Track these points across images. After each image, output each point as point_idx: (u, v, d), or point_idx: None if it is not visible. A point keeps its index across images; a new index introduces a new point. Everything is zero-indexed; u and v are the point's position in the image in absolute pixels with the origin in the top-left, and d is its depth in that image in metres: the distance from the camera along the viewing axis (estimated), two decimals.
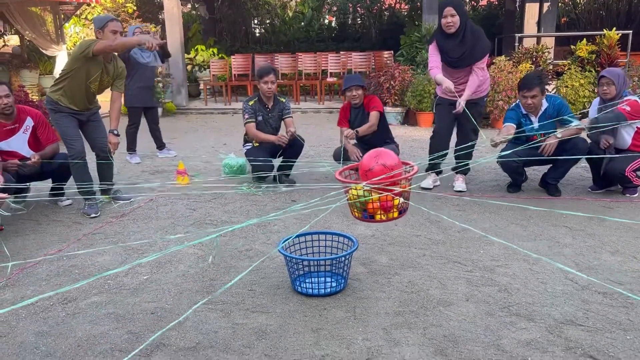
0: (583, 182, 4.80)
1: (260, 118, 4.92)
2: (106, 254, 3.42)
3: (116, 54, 4.30)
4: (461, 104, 4.26)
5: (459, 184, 4.75)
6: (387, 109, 8.61)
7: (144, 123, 6.44)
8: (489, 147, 6.32)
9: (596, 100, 4.44)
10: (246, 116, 4.90)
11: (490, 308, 2.64)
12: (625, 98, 4.16)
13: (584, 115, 4.47)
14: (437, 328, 2.47)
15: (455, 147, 4.71)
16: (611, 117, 4.03)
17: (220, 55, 12.26)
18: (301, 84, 11.53)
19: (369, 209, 2.56)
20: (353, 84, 4.86)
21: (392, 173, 2.46)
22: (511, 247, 3.28)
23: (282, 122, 5.09)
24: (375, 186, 2.44)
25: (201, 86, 12.13)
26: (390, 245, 3.51)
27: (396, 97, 8.48)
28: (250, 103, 4.92)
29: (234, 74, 11.46)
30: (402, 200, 2.53)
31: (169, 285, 2.98)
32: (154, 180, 5.34)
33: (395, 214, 2.57)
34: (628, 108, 4.07)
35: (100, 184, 4.42)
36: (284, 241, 2.94)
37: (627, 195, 4.36)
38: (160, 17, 13.24)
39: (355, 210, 2.63)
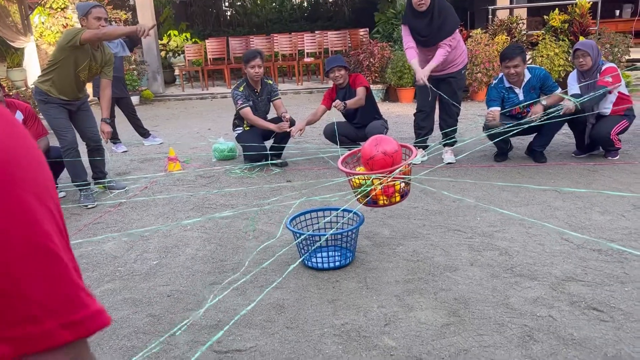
0: (567, 148, 4.97)
1: (251, 102, 4.94)
2: (110, 242, 3.44)
3: None
4: (423, 78, 4.35)
5: (448, 156, 4.87)
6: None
7: (121, 114, 6.36)
8: (474, 120, 6.46)
9: (573, 73, 4.58)
10: (240, 102, 4.89)
11: (495, 270, 2.77)
12: (604, 67, 4.31)
13: (563, 84, 4.61)
14: (447, 292, 2.58)
15: (439, 121, 4.83)
16: (598, 94, 4.16)
17: (194, 40, 12.10)
18: (278, 66, 11.48)
19: (372, 195, 2.67)
20: (335, 65, 4.88)
21: (398, 167, 2.56)
22: (506, 213, 3.41)
23: (271, 104, 5.11)
24: (380, 175, 2.54)
25: (176, 72, 11.98)
26: (390, 218, 3.61)
27: (376, 74, 8.54)
28: (240, 89, 4.91)
29: (210, 58, 11.34)
30: (402, 184, 2.64)
31: (180, 268, 3.02)
32: (145, 169, 5.32)
33: (398, 198, 2.68)
34: (610, 79, 4.21)
35: (94, 175, 4.40)
36: (293, 218, 3.01)
37: (609, 158, 4.54)
38: (130, 2, 12.94)
39: (360, 196, 2.73)
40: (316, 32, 11.58)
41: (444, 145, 4.91)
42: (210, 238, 3.42)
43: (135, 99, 9.89)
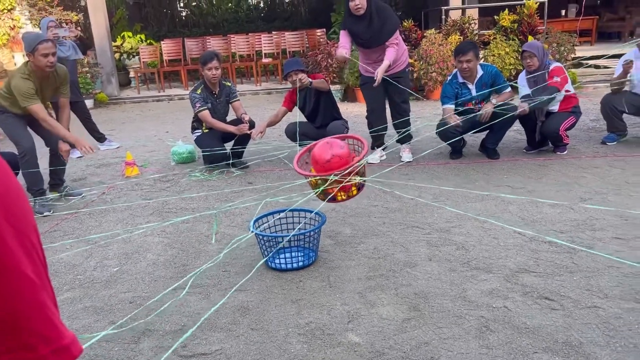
0: (518, 144, 5.16)
1: (209, 105, 4.91)
2: (68, 250, 3.36)
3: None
4: (378, 76, 4.43)
5: (406, 154, 4.98)
6: None
7: (76, 118, 6.20)
8: (429, 119, 6.61)
9: (523, 73, 4.76)
10: (198, 105, 4.84)
11: (452, 265, 2.87)
12: (551, 67, 4.50)
13: (513, 83, 4.79)
14: (408, 287, 2.66)
15: (392, 120, 4.94)
16: (547, 94, 4.35)
17: (149, 41, 11.89)
18: (236, 67, 11.42)
19: (329, 192, 2.74)
20: (292, 69, 4.88)
21: (351, 165, 2.63)
22: (462, 208, 3.53)
23: (230, 106, 5.10)
24: (336, 179, 2.61)
25: (131, 74, 11.75)
26: (351, 217, 3.67)
27: (335, 75, 8.62)
28: (198, 92, 4.88)
29: (165, 60, 11.17)
30: (359, 178, 2.71)
31: (142, 274, 2.99)
32: (101, 174, 5.21)
33: (355, 192, 2.75)
34: (558, 79, 4.41)
35: (51, 181, 4.30)
36: (256, 220, 3.03)
37: (558, 153, 4.75)
38: (82, 3, 12.60)
39: (318, 193, 2.79)
40: (273, 32, 11.58)
41: (401, 143, 5.01)
42: (172, 243, 3.40)
43: (89, 103, 9.65)
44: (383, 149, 5.09)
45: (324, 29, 11.32)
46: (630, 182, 3.91)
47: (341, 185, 2.66)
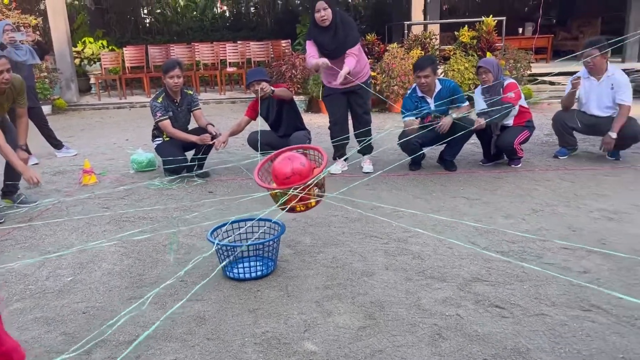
0: (475, 157, 5.31)
1: (170, 113, 4.87)
2: (20, 259, 3.27)
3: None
4: (342, 75, 4.41)
5: (367, 166, 5.06)
6: None
7: (32, 125, 6.04)
8: (391, 131, 6.72)
9: (479, 88, 4.92)
10: (159, 114, 4.80)
11: (408, 274, 2.92)
12: (506, 83, 4.67)
13: (471, 98, 4.95)
14: (364, 296, 2.69)
15: (354, 131, 5.01)
16: (502, 109, 4.51)
17: (110, 48, 11.70)
18: (200, 75, 11.36)
19: (291, 204, 2.79)
20: (254, 79, 4.85)
21: (311, 180, 2.68)
22: (420, 215, 3.61)
23: (191, 114, 5.07)
24: (296, 192, 2.65)
25: (92, 80, 11.52)
26: (311, 226, 3.70)
27: (299, 86, 8.68)
28: (159, 100, 4.83)
29: (128, 67, 11.01)
30: (317, 190, 2.76)
31: (96, 284, 2.94)
32: (57, 182, 5.09)
33: (313, 203, 2.80)
34: (513, 95, 4.58)
35: (5, 188, 4.18)
36: (214, 230, 3.02)
37: (513, 165, 4.91)
38: (41, 7, 12.31)
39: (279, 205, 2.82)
40: (239, 42, 11.59)
41: (363, 154, 5.09)
42: (128, 252, 3.35)
43: (47, 109, 9.42)
44: (345, 160, 5.15)
45: (289, 40, 11.40)
46: (578, 195, 4.08)
47: (301, 196, 2.69)
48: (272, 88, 4.70)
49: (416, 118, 4.74)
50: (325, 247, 3.34)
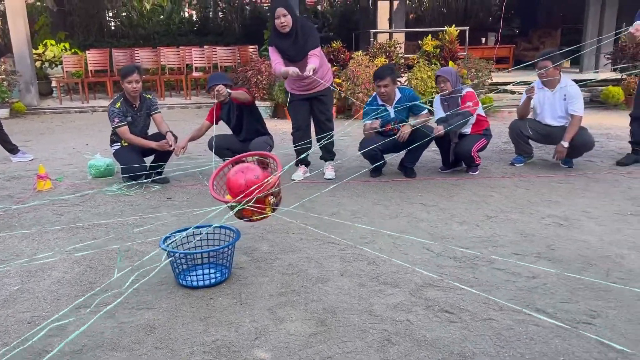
0: (434, 164, 5.39)
1: (129, 119, 4.80)
2: None
3: None
4: (310, 72, 4.43)
5: (329, 172, 5.08)
6: (256, 102, 8.77)
7: None
8: (355, 137, 6.77)
9: (438, 97, 5.02)
10: (116, 120, 4.73)
11: (362, 280, 2.95)
12: (464, 92, 4.77)
13: (429, 108, 5.03)
14: (317, 303, 2.70)
15: (317, 137, 5.02)
16: (461, 118, 4.61)
17: (73, 50, 11.47)
18: (165, 79, 11.24)
19: (245, 214, 2.79)
20: (214, 83, 4.80)
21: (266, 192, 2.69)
22: (375, 224, 3.64)
23: (151, 118, 5.01)
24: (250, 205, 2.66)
25: (54, 84, 11.26)
26: (269, 233, 3.69)
27: (264, 92, 8.67)
28: (117, 105, 4.75)
29: (91, 70, 10.81)
30: (272, 199, 2.77)
31: (44, 292, 2.86)
32: (11, 187, 4.94)
33: (269, 212, 2.80)
34: (471, 104, 4.68)
35: None
36: (166, 237, 2.98)
37: (470, 173, 5.01)
38: (1, 7, 11.98)
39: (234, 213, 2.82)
40: (205, 47, 11.52)
41: (325, 160, 5.11)
42: (80, 260, 3.27)
43: (4, 112, 9.19)
44: (307, 166, 5.17)
45: (257, 46, 11.39)
46: (532, 201, 4.19)
47: (256, 207, 2.70)
48: (229, 91, 4.65)
49: (376, 119, 4.77)
50: (282, 253, 3.33)
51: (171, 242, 2.98)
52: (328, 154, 5.11)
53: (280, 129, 7.85)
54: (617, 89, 8.66)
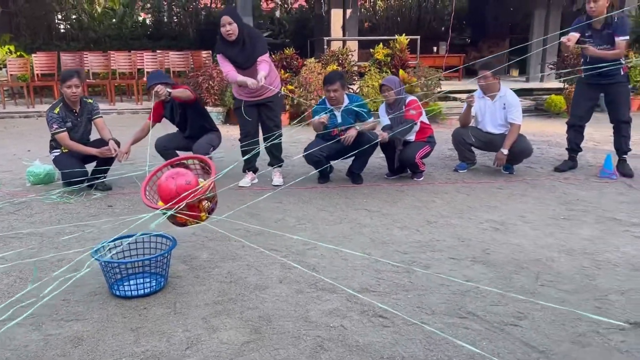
0: (381, 170, 5.47)
1: (69, 124, 4.66)
2: None
3: None
4: (261, 78, 4.44)
5: (277, 178, 5.08)
6: (208, 108, 8.67)
7: None
8: (304, 143, 6.79)
9: (383, 106, 5.10)
10: (55, 126, 4.58)
11: (300, 286, 2.95)
12: (407, 100, 4.87)
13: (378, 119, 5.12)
14: (253, 310, 2.69)
15: (264, 144, 5.01)
16: (405, 126, 4.71)
17: (18, 53, 11.08)
18: (116, 84, 10.99)
19: (179, 220, 2.76)
20: (153, 83, 4.68)
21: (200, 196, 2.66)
22: (318, 231, 3.66)
23: (92, 123, 4.88)
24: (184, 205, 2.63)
25: None
26: (211, 241, 3.65)
27: (216, 97, 8.60)
28: (56, 111, 4.61)
29: (37, 74, 10.45)
30: (207, 203, 2.74)
31: None
32: None
33: (204, 217, 2.78)
34: (414, 112, 4.78)
35: None
36: (99, 246, 2.91)
37: (415, 179, 5.10)
38: None
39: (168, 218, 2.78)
40: (158, 51, 11.33)
41: (272, 167, 5.11)
42: (9, 270, 3.15)
43: None
44: (254, 173, 5.15)
45: (210, 51, 11.28)
46: (471, 207, 4.30)
47: (188, 212, 2.67)
48: (169, 90, 4.58)
49: (324, 114, 4.79)
50: (222, 261, 3.30)
51: (104, 251, 2.91)
52: (276, 160, 5.11)
53: (232, 134, 7.79)
54: (559, 98, 9.01)
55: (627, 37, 4.76)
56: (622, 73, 4.85)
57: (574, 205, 4.30)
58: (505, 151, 4.92)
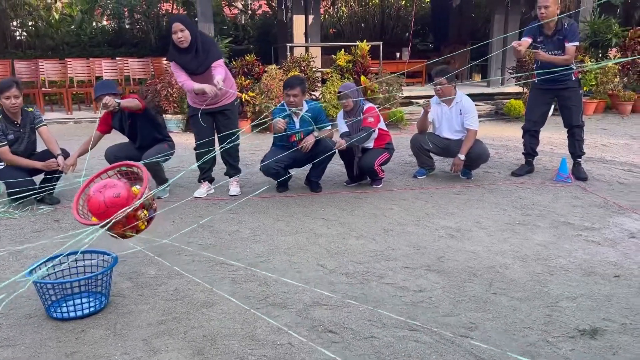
0: (341, 178, 5.41)
1: (11, 136, 4.45)
2: None
3: None
4: (218, 82, 4.34)
5: (234, 188, 4.96)
6: (167, 116, 8.51)
7: None
8: (265, 150, 6.70)
9: (341, 113, 5.06)
10: None
11: (250, 302, 2.85)
12: (365, 107, 4.84)
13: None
14: (198, 330, 2.58)
15: (222, 153, 4.90)
16: (363, 134, 4.67)
17: None
18: (73, 92, 10.69)
19: (118, 232, 2.64)
20: (100, 94, 4.50)
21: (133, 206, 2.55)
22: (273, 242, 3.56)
23: (37, 133, 4.67)
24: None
25: None
26: (159, 255, 3.49)
27: (175, 105, 8.43)
28: None
29: None
30: (143, 212, 2.63)
31: None
32: None
33: (143, 227, 2.66)
34: (372, 119, 4.75)
35: None
36: (34, 266, 2.75)
37: (374, 186, 5.06)
38: None
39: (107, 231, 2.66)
40: (117, 58, 11.07)
41: (229, 176, 4.99)
42: None
43: None
44: (210, 183, 5.02)
45: None
46: (429, 213, 4.28)
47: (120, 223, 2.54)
48: (118, 101, 4.42)
49: (282, 118, 4.71)
50: (169, 278, 3.18)
51: (39, 271, 2.75)
52: (233, 169, 5.00)
53: (191, 143, 7.58)
54: (518, 102, 9.14)
55: (577, 43, 4.84)
56: (573, 78, 4.92)
57: (529, 210, 4.32)
58: (462, 157, 4.92)
